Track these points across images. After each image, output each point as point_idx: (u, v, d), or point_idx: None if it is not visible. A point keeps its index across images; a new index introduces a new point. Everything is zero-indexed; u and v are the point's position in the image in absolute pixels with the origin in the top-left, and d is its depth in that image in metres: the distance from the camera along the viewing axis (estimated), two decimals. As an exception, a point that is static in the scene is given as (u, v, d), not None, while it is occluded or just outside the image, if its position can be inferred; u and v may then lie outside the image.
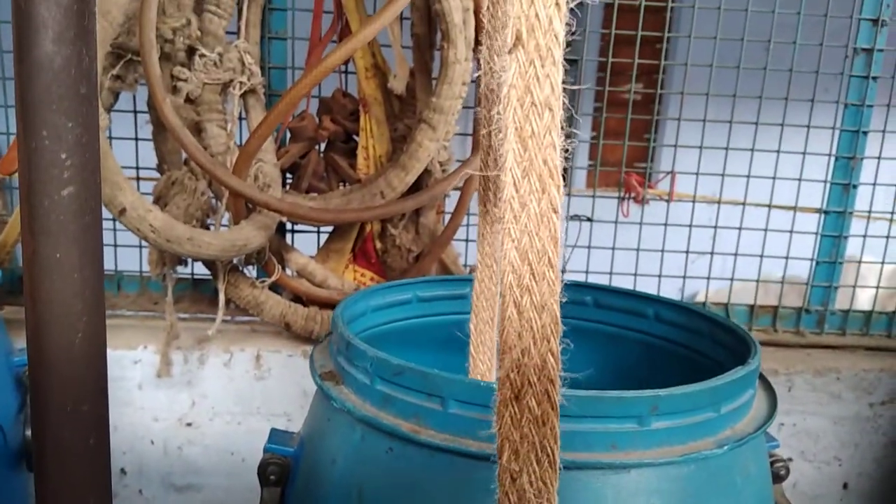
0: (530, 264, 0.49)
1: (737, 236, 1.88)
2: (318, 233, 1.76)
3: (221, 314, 1.57)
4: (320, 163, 1.67)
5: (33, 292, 0.45)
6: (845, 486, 1.86)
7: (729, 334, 1.12)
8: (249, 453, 1.71)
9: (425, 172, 1.59)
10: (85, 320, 0.46)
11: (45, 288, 0.45)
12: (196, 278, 1.79)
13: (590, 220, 1.88)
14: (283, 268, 1.63)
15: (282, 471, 1.01)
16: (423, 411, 0.85)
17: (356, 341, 0.93)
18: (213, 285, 1.60)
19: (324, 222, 1.63)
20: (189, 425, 1.70)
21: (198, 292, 1.81)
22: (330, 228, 1.70)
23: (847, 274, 1.97)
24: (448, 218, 1.67)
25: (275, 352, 1.67)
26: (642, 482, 0.82)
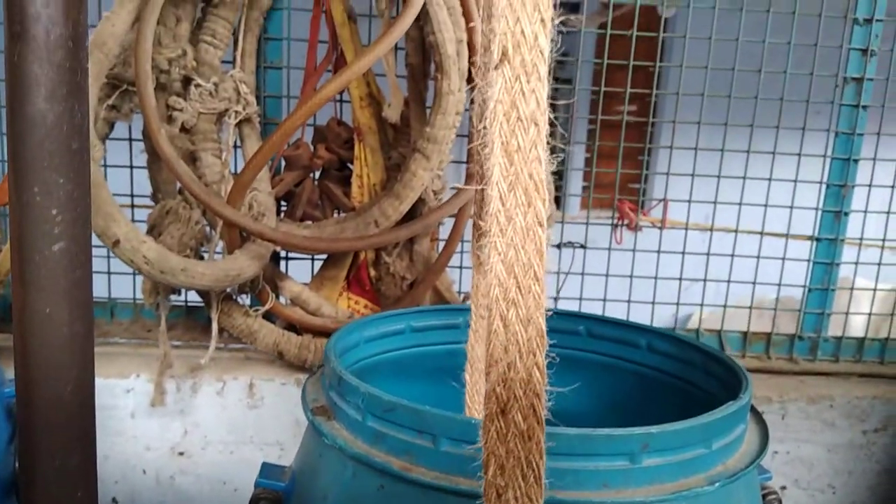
0: (516, 277, 0.49)
1: (730, 263, 1.88)
2: (313, 260, 1.76)
3: (214, 344, 1.57)
4: (315, 191, 1.68)
5: (23, 346, 0.45)
6: (840, 514, 1.85)
7: (721, 366, 1.13)
8: (242, 483, 1.70)
9: (419, 201, 1.60)
10: (74, 374, 0.46)
11: (35, 342, 0.45)
12: (190, 305, 1.79)
13: (583, 247, 1.89)
14: (277, 296, 1.63)
15: (273, 506, 1.01)
16: (415, 448, 0.85)
17: (348, 376, 0.93)
18: (207, 313, 1.60)
19: (318, 251, 1.64)
20: (181, 454, 1.69)
21: (191, 320, 1.80)
22: (324, 256, 1.70)
23: (840, 298, 1.97)
24: (442, 245, 1.67)
25: (268, 380, 1.67)
26: (634, 521, 0.82)
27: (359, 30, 1.60)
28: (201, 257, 1.55)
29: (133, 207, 1.72)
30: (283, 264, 1.73)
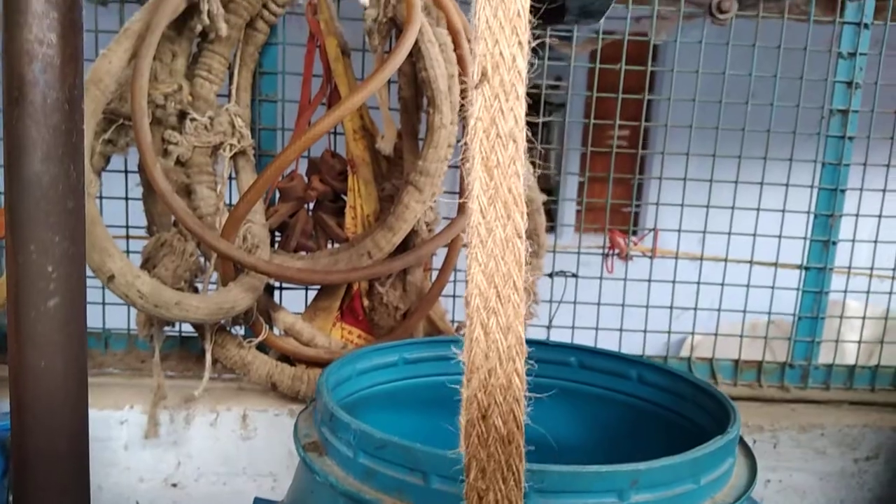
0: (496, 287, 0.50)
1: (720, 292, 1.90)
2: (306, 290, 1.77)
3: (208, 375, 1.57)
4: (309, 222, 1.69)
5: (19, 400, 0.46)
6: (833, 542, 1.85)
7: (711, 399, 1.14)
8: (235, 515, 1.70)
9: (412, 232, 1.61)
10: (68, 426, 0.47)
11: (30, 395, 0.46)
12: (184, 336, 1.80)
13: (575, 276, 1.90)
14: (271, 326, 1.64)
15: (265, 542, 1.01)
16: (406, 486, 0.86)
17: (339, 412, 0.94)
18: (201, 344, 1.61)
19: (312, 283, 1.65)
20: (174, 486, 1.68)
21: (185, 350, 1.81)
22: (318, 286, 1.71)
23: (830, 325, 1.99)
24: (435, 275, 1.69)
25: (261, 411, 1.67)
26: (623, 558, 0.83)
27: (352, 64, 1.63)
28: (196, 289, 1.56)
29: (128, 239, 1.74)
30: (276, 294, 1.74)
